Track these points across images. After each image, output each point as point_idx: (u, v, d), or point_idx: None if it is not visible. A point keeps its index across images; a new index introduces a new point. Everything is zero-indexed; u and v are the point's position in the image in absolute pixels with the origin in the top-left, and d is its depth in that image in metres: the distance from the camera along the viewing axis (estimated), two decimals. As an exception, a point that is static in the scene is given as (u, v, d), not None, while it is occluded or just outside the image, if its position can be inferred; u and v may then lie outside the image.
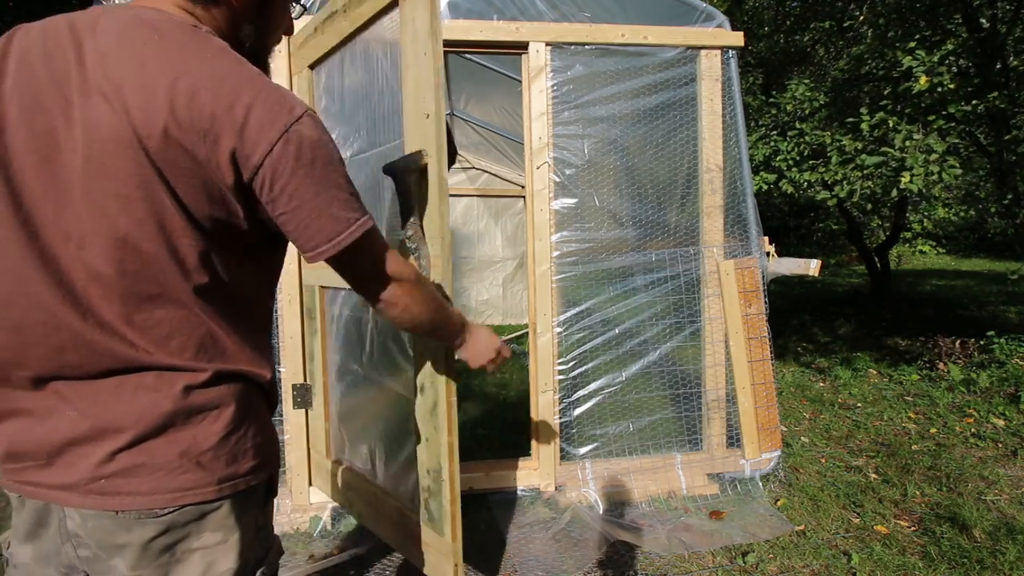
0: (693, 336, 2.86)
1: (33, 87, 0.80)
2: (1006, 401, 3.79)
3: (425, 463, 1.71)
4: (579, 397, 2.76)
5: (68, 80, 0.80)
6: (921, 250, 8.91)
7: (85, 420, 0.82)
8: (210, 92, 0.79)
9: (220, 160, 0.80)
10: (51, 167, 0.80)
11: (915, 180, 3.86)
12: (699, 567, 2.24)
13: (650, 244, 2.82)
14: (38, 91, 0.80)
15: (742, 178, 2.85)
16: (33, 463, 0.84)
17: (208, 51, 0.83)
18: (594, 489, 2.71)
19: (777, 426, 2.90)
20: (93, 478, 0.81)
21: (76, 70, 0.80)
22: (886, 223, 8.90)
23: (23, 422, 0.84)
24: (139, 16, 0.83)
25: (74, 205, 0.80)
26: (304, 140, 0.83)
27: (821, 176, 4.61)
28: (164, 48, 0.80)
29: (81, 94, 0.79)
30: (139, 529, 0.83)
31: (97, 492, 0.82)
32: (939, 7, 4.47)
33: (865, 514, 2.58)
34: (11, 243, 0.80)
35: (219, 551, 0.88)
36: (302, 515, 2.55)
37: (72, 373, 0.83)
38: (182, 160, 0.79)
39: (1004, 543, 2.31)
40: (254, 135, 0.80)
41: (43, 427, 0.83)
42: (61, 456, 0.82)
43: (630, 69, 2.75)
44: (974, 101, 4.02)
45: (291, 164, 0.83)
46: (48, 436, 0.82)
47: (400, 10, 1.60)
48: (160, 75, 0.78)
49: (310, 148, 0.84)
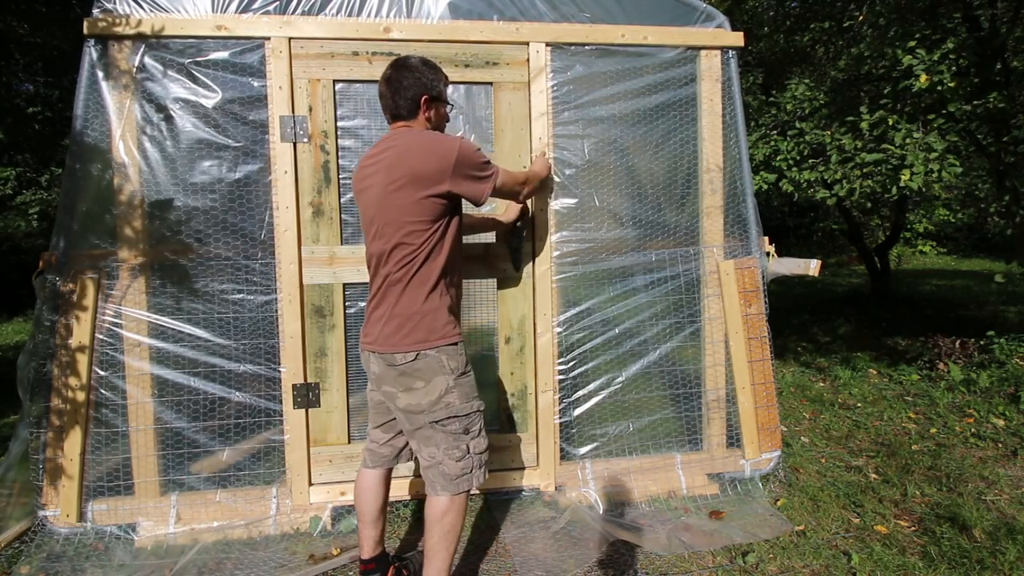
0: (693, 336, 2.86)
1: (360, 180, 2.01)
2: (1006, 401, 3.79)
3: (510, 390, 2.77)
4: (579, 397, 2.76)
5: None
6: (921, 250, 8.92)
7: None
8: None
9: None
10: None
11: (915, 178, 3.85)
12: (699, 567, 2.24)
13: (650, 244, 2.82)
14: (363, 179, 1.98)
15: (742, 178, 2.85)
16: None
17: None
18: (594, 489, 2.71)
19: (777, 426, 2.90)
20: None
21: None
22: (886, 223, 8.91)
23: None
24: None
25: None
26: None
27: (821, 175, 4.61)
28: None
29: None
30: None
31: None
32: (939, 7, 4.47)
33: (865, 514, 2.58)
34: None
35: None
36: (302, 515, 2.56)
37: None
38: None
39: (1004, 543, 2.31)
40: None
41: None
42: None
43: (630, 69, 2.75)
44: (974, 101, 4.02)
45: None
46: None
47: (494, 91, 2.68)
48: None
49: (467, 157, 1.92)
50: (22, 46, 5.62)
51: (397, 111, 1.96)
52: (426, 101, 1.95)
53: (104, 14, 2.42)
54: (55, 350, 2.43)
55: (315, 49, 2.51)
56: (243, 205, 2.55)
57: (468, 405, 1.91)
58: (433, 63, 2.02)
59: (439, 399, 1.86)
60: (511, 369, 2.75)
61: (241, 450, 2.60)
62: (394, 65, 1.97)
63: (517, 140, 2.69)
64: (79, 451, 2.44)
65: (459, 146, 1.87)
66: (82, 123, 2.45)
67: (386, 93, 1.96)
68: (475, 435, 1.94)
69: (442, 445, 1.88)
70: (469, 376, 1.96)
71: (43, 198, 9.20)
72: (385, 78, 1.96)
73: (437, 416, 1.87)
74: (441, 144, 1.87)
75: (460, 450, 1.89)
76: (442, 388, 1.86)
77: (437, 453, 1.89)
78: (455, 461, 1.88)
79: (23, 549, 2.38)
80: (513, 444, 2.76)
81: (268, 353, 2.57)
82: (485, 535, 2.47)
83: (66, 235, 2.46)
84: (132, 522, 2.49)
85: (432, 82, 1.97)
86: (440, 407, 1.87)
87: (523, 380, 2.76)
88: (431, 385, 1.86)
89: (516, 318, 2.73)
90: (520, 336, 2.74)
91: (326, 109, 2.53)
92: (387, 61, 2.49)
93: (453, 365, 1.88)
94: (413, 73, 1.95)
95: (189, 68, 2.49)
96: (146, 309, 2.50)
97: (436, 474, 1.89)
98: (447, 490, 1.88)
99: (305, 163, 2.54)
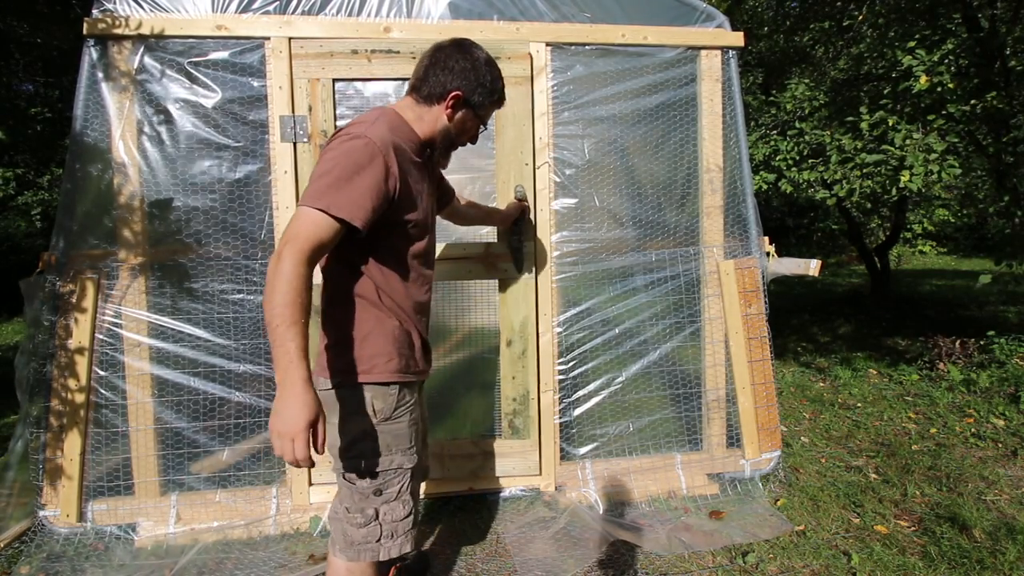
0: (693, 336, 2.86)
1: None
2: (1006, 401, 3.79)
3: (511, 394, 2.73)
4: (579, 397, 2.76)
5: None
6: (921, 250, 8.92)
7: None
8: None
9: None
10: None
11: (915, 179, 3.85)
12: (699, 567, 2.24)
13: (650, 244, 2.82)
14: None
15: (742, 178, 2.85)
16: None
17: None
18: (594, 489, 2.71)
19: (777, 426, 2.90)
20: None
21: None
22: (886, 223, 8.90)
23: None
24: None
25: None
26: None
27: (820, 175, 4.61)
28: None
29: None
30: None
31: None
32: (938, 7, 4.47)
33: (865, 514, 2.58)
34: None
35: None
36: (302, 515, 2.55)
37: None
38: None
39: (1004, 543, 2.31)
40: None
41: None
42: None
43: (630, 69, 2.75)
44: (972, 101, 4.02)
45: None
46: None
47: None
48: None
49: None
50: (22, 46, 5.62)
51: (419, 84, 1.64)
52: (455, 98, 1.62)
53: (104, 14, 2.42)
54: (55, 350, 2.43)
55: (314, 48, 2.51)
56: (243, 205, 2.55)
57: (387, 459, 1.55)
58: (499, 72, 1.70)
59: (351, 445, 1.54)
60: (512, 373, 2.72)
61: (241, 450, 2.60)
62: (457, 43, 1.65)
63: (519, 137, 2.65)
64: (79, 451, 2.44)
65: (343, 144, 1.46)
66: (82, 123, 2.45)
67: (425, 60, 1.64)
68: (390, 498, 1.57)
69: (345, 502, 1.57)
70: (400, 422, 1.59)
71: (43, 198, 9.20)
72: (438, 46, 1.65)
73: (345, 468, 1.55)
74: (339, 138, 1.50)
75: (365, 515, 1.55)
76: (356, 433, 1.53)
77: (339, 508, 1.59)
78: (356, 527, 1.55)
79: (23, 549, 2.38)
80: (515, 451, 2.75)
81: (268, 353, 2.57)
82: (485, 535, 2.47)
83: (66, 235, 2.46)
84: (132, 522, 2.49)
85: (478, 88, 1.64)
86: (352, 455, 1.54)
87: (525, 384, 2.73)
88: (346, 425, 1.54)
89: (518, 320, 2.72)
90: (522, 339, 2.71)
91: (326, 108, 2.53)
92: (387, 58, 2.53)
93: (379, 406, 1.55)
94: (467, 62, 1.63)
95: (189, 68, 2.49)
96: (146, 309, 2.50)
97: (337, 531, 1.59)
98: (344, 554, 1.56)
99: (305, 163, 2.53)
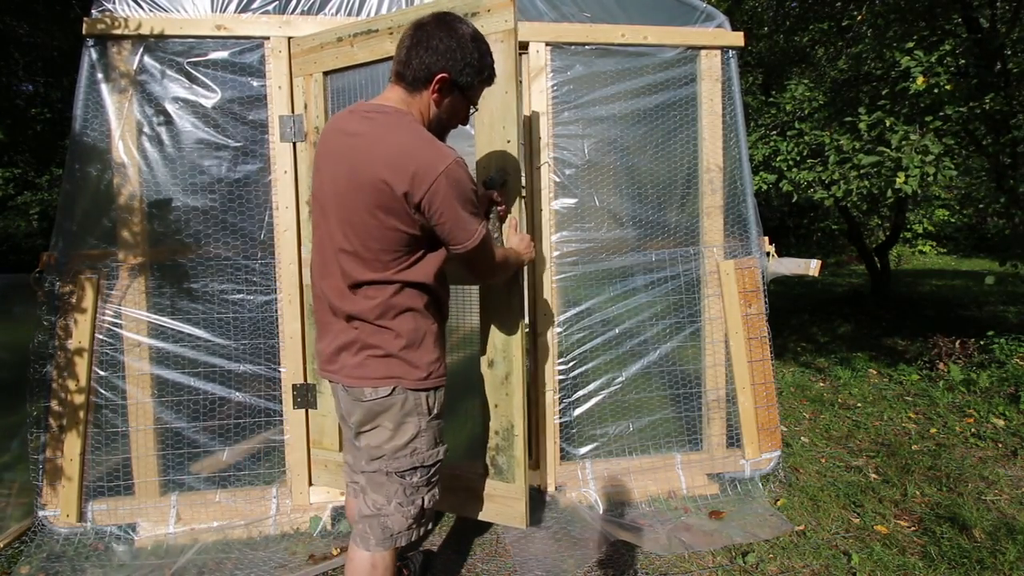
0: (693, 336, 2.86)
1: (324, 151, 1.57)
2: (1006, 401, 3.79)
3: (494, 426, 2.16)
4: (579, 397, 2.76)
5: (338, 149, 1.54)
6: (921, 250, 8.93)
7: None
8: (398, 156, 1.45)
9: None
10: (329, 198, 1.54)
11: (911, 181, 3.85)
12: (699, 567, 2.24)
13: (650, 244, 2.82)
14: (327, 154, 1.55)
15: (742, 178, 2.85)
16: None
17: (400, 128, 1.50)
18: (594, 489, 2.71)
19: (777, 426, 2.90)
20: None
21: (344, 143, 1.52)
22: (886, 223, 8.91)
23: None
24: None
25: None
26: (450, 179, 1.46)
27: (819, 176, 4.61)
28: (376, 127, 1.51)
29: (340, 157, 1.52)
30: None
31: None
32: (938, 7, 4.47)
33: (865, 514, 2.58)
34: (324, 238, 1.57)
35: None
36: (302, 515, 2.55)
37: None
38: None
39: (1004, 543, 2.31)
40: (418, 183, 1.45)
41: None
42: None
43: (630, 69, 2.75)
44: (972, 103, 4.02)
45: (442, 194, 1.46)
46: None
47: None
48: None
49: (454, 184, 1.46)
50: (22, 46, 5.63)
51: (402, 69, 1.55)
52: (441, 81, 1.53)
53: (103, 14, 2.42)
54: (54, 351, 2.43)
55: (308, 44, 2.43)
56: (243, 205, 2.55)
57: (435, 452, 1.67)
58: (487, 47, 1.60)
59: (406, 444, 1.62)
60: (495, 400, 2.15)
61: (241, 450, 2.60)
62: (439, 18, 1.54)
63: (503, 107, 2.01)
64: (79, 451, 2.44)
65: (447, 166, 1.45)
66: (81, 123, 2.45)
67: (406, 40, 1.54)
68: (433, 487, 1.70)
69: (396, 498, 1.63)
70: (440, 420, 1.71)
71: (43, 199, 9.21)
72: (419, 24, 1.53)
73: (401, 465, 1.62)
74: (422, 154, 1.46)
75: (415, 506, 1.65)
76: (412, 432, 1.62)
77: (383, 505, 1.63)
78: (405, 519, 1.63)
79: (23, 549, 2.38)
80: (498, 494, 2.19)
81: (268, 353, 2.57)
82: (485, 535, 2.47)
83: (65, 235, 2.46)
84: (132, 522, 2.49)
85: (465, 67, 1.54)
86: (405, 454, 1.62)
87: (509, 416, 2.12)
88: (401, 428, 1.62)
89: (500, 337, 2.10)
90: (506, 360, 2.09)
91: (318, 104, 2.45)
92: (366, 39, 2.26)
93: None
94: (452, 40, 1.52)
95: (188, 68, 2.49)
96: (146, 309, 2.50)
97: (375, 527, 1.63)
98: (382, 546, 1.62)
99: (304, 162, 2.53)
